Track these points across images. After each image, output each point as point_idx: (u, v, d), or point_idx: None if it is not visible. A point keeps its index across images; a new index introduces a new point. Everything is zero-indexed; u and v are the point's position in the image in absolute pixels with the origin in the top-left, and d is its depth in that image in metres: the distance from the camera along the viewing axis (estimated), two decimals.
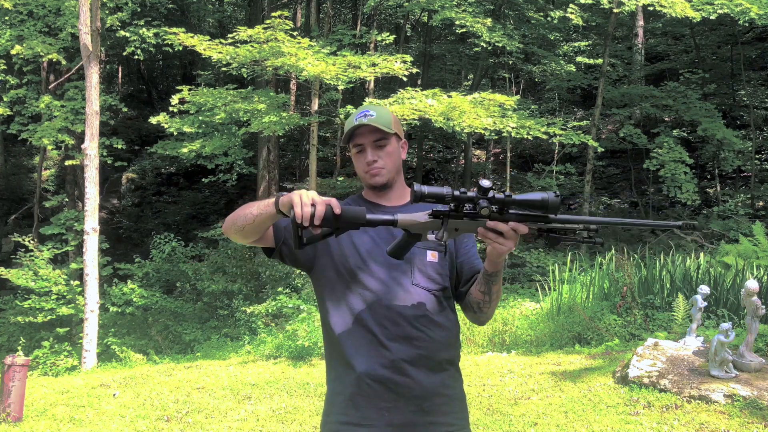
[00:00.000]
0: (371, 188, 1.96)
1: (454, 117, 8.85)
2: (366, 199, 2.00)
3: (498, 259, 1.76)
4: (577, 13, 11.39)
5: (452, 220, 1.67)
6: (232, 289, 10.39)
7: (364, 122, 1.88)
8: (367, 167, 1.92)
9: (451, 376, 1.90)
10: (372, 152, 1.91)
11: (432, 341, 1.84)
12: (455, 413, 1.89)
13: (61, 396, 6.01)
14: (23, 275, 10.60)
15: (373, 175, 1.92)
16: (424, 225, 1.69)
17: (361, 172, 1.95)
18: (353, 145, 1.93)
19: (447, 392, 1.87)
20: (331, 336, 1.90)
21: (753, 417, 4.06)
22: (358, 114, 1.91)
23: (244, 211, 1.78)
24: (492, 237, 1.66)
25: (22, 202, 18.10)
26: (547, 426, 4.31)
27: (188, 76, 20.73)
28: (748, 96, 14.37)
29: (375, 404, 1.80)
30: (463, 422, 1.92)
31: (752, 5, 9.62)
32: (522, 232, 1.66)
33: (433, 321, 1.85)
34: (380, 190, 1.95)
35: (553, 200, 1.62)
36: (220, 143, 11.15)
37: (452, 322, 1.92)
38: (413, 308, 1.83)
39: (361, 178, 1.96)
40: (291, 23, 9.68)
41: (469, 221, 1.67)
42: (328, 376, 1.95)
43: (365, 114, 1.90)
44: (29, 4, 11.47)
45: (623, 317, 6.69)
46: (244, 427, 4.81)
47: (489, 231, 1.66)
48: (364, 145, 1.92)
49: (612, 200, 15.84)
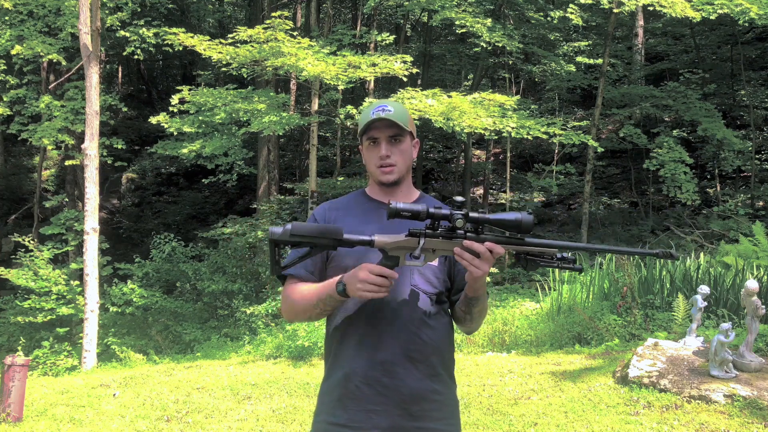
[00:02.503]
0: (380, 185, 1.94)
1: (454, 117, 8.85)
2: (370, 196, 1.98)
3: (475, 284, 1.76)
4: (577, 13, 11.39)
5: (429, 239, 1.69)
6: (232, 289, 10.38)
7: (382, 116, 1.86)
8: (380, 161, 1.90)
9: (442, 381, 1.87)
10: (386, 147, 1.90)
11: (424, 344, 1.83)
12: (445, 419, 1.86)
13: (61, 396, 6.01)
14: (23, 275, 10.59)
15: (385, 172, 1.90)
16: (401, 244, 1.70)
17: (373, 166, 1.92)
18: (368, 137, 1.90)
19: (437, 398, 1.84)
20: (329, 334, 1.91)
21: (753, 417, 4.06)
22: (375, 107, 1.90)
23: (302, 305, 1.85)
24: (468, 258, 1.67)
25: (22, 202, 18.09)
26: (547, 426, 4.30)
27: (188, 76, 20.73)
28: (748, 96, 14.37)
29: (363, 406, 1.79)
30: (455, 428, 1.88)
31: (752, 5, 9.61)
32: (498, 253, 1.67)
33: (427, 324, 1.84)
34: (388, 187, 1.94)
35: (527, 220, 1.65)
36: (220, 143, 11.15)
37: (446, 326, 1.91)
38: (409, 309, 1.82)
39: (372, 173, 1.94)
40: (291, 23, 9.68)
41: (445, 241, 1.69)
42: (324, 375, 1.95)
43: (383, 108, 1.89)
44: (29, 4, 11.46)
45: (623, 317, 6.69)
46: (244, 427, 4.81)
47: (465, 251, 1.67)
48: (379, 139, 1.90)
49: (612, 200, 15.85)
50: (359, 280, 1.67)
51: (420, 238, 1.68)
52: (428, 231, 1.69)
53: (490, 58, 14.25)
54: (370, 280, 1.66)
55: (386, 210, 1.65)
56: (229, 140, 11.33)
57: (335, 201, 2.02)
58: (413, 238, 1.68)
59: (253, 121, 9.79)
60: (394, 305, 1.82)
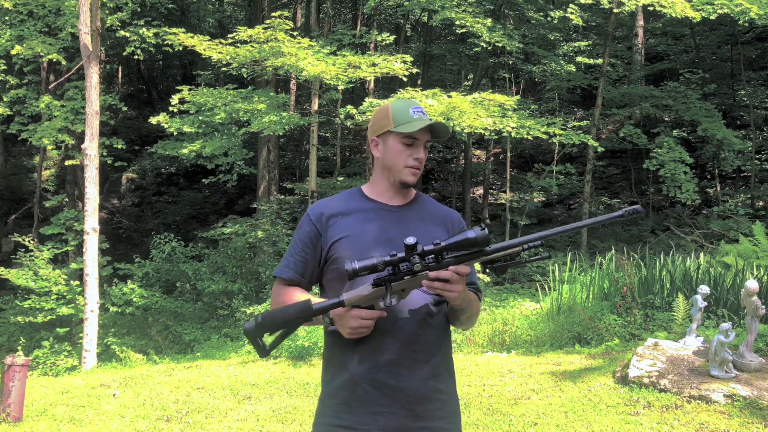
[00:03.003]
0: (400, 183, 1.92)
1: (454, 117, 8.85)
2: (366, 195, 1.97)
3: (455, 302, 1.79)
4: (577, 13, 11.39)
5: (396, 283, 1.73)
6: (232, 289, 10.38)
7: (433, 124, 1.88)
8: (414, 162, 1.90)
9: (444, 380, 1.89)
10: (424, 151, 1.91)
11: (427, 344, 1.84)
12: (448, 418, 1.88)
13: (61, 396, 6.01)
14: (23, 275, 10.58)
15: (413, 174, 1.91)
16: (369, 296, 1.74)
17: (401, 165, 1.90)
18: (408, 135, 1.88)
19: (440, 397, 1.86)
20: (330, 337, 1.90)
21: (753, 417, 4.06)
22: (413, 107, 1.90)
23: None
24: (439, 286, 1.72)
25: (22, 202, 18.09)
26: (547, 426, 4.30)
27: (188, 76, 20.74)
28: (748, 96, 14.37)
29: (369, 408, 1.79)
30: (456, 426, 1.91)
31: (752, 5, 9.61)
32: (465, 272, 1.71)
33: (429, 324, 1.85)
34: (403, 188, 1.94)
35: (481, 234, 1.68)
36: (220, 143, 11.15)
37: (445, 325, 1.92)
38: (411, 310, 1.83)
39: (396, 170, 1.91)
40: (291, 23, 9.69)
41: (411, 279, 1.73)
42: (324, 377, 1.94)
43: (423, 111, 1.91)
44: (29, 4, 11.46)
45: (623, 317, 6.69)
46: (244, 427, 4.81)
47: (434, 281, 1.71)
48: (420, 141, 1.90)
49: (612, 200, 15.85)
50: (350, 327, 1.74)
51: (386, 285, 1.73)
52: (392, 277, 1.73)
53: (490, 58, 14.25)
54: (361, 326, 1.74)
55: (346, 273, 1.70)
56: (229, 140, 11.34)
57: (331, 201, 1.98)
58: (381, 288, 1.73)
59: (253, 121, 9.79)
60: (395, 307, 1.81)
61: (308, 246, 1.91)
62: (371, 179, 2.00)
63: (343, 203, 1.96)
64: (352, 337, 1.76)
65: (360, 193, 1.99)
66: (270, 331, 1.78)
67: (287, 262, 1.93)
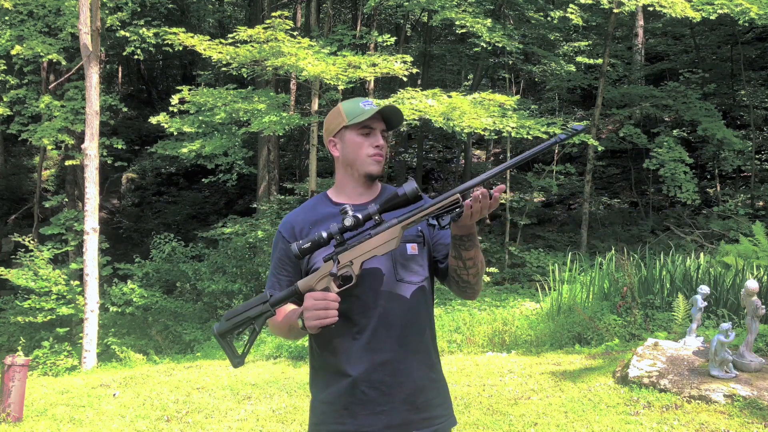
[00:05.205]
0: (366, 176, 1.91)
1: (454, 117, 8.86)
2: (332, 200, 1.96)
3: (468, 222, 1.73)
4: (577, 13, 11.38)
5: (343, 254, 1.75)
6: (232, 289, 10.39)
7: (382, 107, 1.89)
8: (375, 150, 1.89)
9: (436, 368, 1.91)
10: (383, 139, 1.91)
11: (421, 335, 1.86)
12: (443, 405, 1.90)
13: (61, 396, 6.01)
14: (23, 275, 10.59)
15: (377, 161, 1.90)
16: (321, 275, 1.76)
17: (362, 155, 1.89)
18: (364, 125, 1.88)
19: (435, 385, 1.89)
20: (319, 343, 1.88)
21: (753, 417, 4.06)
22: (363, 101, 1.91)
23: (280, 331, 1.95)
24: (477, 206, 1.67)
25: (22, 202, 18.09)
26: (547, 426, 4.30)
27: (188, 76, 20.74)
28: (748, 96, 14.36)
29: (371, 409, 1.79)
30: (449, 410, 1.93)
31: (752, 5, 9.61)
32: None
33: (420, 313, 1.86)
34: (370, 181, 1.93)
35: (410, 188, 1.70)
36: (220, 143, 11.15)
37: (431, 308, 1.94)
38: (401, 304, 1.82)
39: (360, 163, 1.90)
40: (291, 23, 9.68)
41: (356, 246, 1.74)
42: (315, 383, 1.92)
43: (372, 103, 1.92)
44: (29, 4, 11.46)
45: (623, 317, 6.69)
46: (244, 427, 4.81)
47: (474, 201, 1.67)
48: (375, 129, 1.90)
49: (612, 200, 15.85)
50: (308, 312, 1.71)
51: (333, 257, 1.75)
52: (338, 249, 1.75)
53: (490, 58, 14.25)
54: (313, 307, 1.70)
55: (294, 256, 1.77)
56: (229, 140, 11.33)
57: (299, 213, 1.98)
58: (329, 263, 1.75)
59: (253, 121, 9.79)
60: (384, 303, 1.81)
61: (287, 264, 1.93)
62: (335, 183, 2.00)
63: (310, 212, 1.96)
64: (317, 325, 1.70)
65: (326, 198, 1.98)
66: (237, 328, 1.82)
67: (272, 283, 1.94)
